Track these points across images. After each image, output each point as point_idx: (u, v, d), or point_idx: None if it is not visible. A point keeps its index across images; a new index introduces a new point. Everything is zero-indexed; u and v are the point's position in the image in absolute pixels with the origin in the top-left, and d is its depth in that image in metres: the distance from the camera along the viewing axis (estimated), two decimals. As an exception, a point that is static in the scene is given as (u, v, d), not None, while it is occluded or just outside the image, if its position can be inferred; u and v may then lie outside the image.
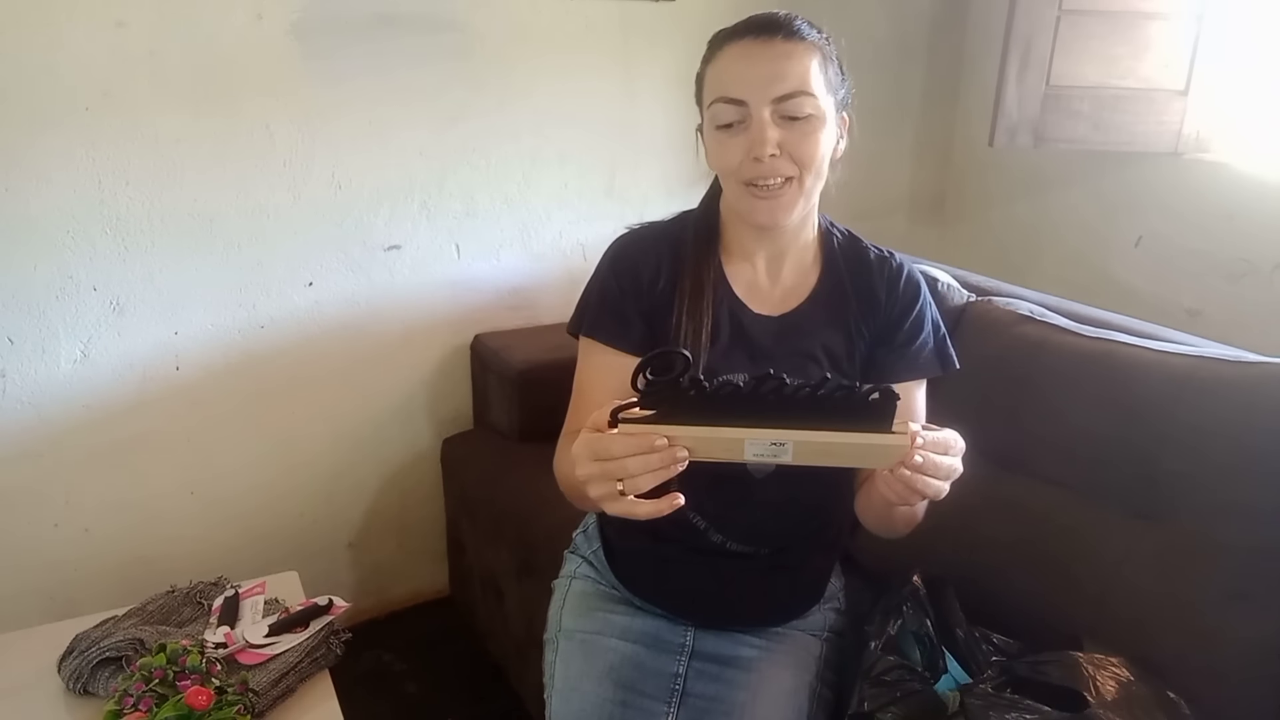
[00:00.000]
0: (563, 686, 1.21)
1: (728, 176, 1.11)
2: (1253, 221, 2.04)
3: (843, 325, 1.18)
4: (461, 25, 2.01)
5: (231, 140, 1.84)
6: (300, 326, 2.03)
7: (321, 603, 1.46)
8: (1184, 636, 1.21)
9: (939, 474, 0.90)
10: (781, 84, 1.05)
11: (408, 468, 2.27)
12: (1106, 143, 2.17)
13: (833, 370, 1.16)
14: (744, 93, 1.06)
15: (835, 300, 1.19)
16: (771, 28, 1.07)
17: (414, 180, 2.06)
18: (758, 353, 1.16)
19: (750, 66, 1.06)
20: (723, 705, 1.16)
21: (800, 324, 1.18)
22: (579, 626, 1.26)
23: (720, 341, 1.16)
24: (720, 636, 1.23)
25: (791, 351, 1.16)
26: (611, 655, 1.20)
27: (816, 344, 1.17)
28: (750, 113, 1.06)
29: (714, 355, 1.15)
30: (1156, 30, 2.08)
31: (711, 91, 1.09)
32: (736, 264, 1.19)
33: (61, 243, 1.75)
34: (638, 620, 1.24)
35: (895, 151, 2.75)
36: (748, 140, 1.06)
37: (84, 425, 1.85)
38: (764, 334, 1.17)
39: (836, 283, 1.19)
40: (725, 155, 1.09)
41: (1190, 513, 1.26)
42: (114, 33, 1.69)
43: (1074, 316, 1.54)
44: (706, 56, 1.12)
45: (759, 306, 1.18)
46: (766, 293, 1.19)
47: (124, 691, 1.20)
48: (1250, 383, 1.25)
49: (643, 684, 1.18)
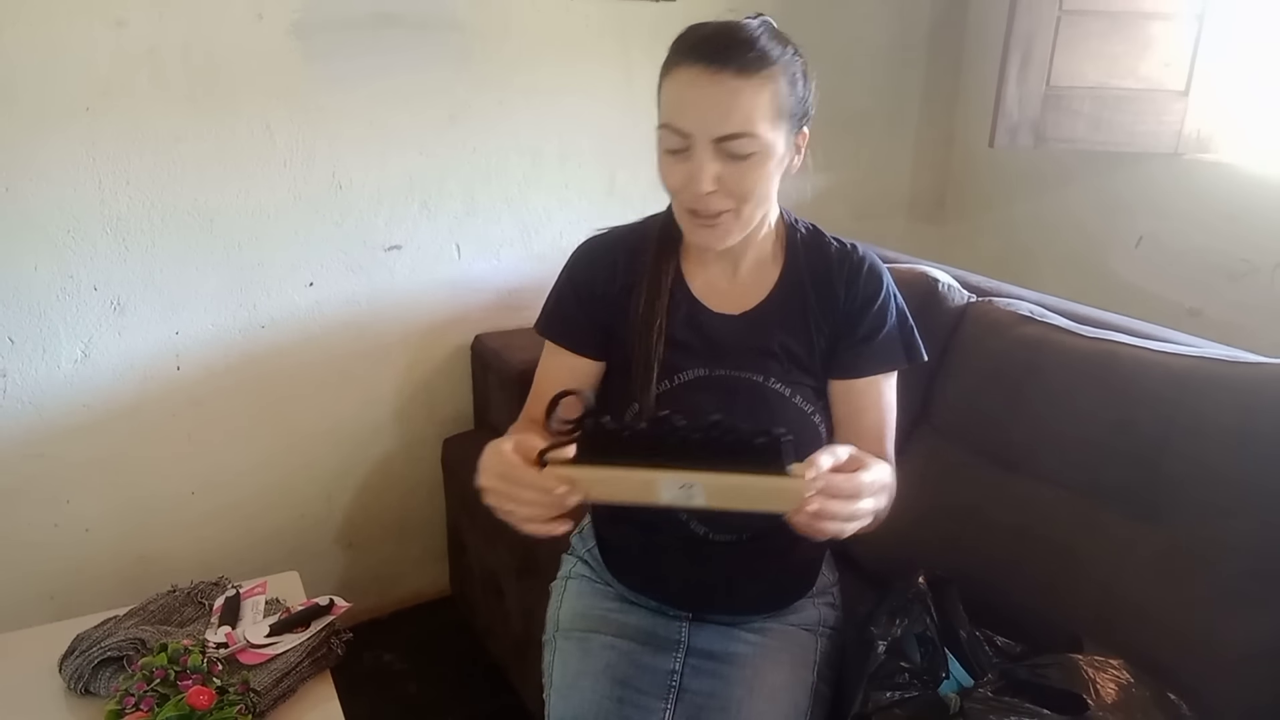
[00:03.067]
0: (560, 685, 1.21)
1: (671, 196, 1.13)
2: (1254, 221, 2.05)
3: (801, 321, 1.19)
4: (462, 25, 2.01)
5: (232, 140, 1.84)
6: (301, 326, 2.03)
7: (322, 603, 1.46)
8: (1184, 637, 1.21)
9: (838, 518, 0.91)
10: (725, 124, 1.03)
11: (408, 468, 2.27)
12: (1107, 143, 2.17)
13: (792, 366, 1.17)
14: (689, 126, 1.05)
15: (795, 296, 1.19)
16: (725, 56, 1.02)
17: (414, 180, 2.06)
18: (717, 351, 1.17)
19: (698, 99, 1.04)
20: (719, 701, 1.16)
21: (760, 321, 1.19)
22: (576, 626, 1.26)
23: (678, 342, 1.17)
24: (716, 633, 1.23)
25: (749, 349, 1.17)
26: (609, 653, 1.21)
27: (775, 341, 1.18)
28: (693, 145, 1.05)
29: (674, 356, 1.16)
30: (1157, 30, 2.08)
31: (662, 113, 1.08)
32: (695, 265, 1.21)
33: (62, 242, 1.74)
34: (634, 618, 1.25)
35: (896, 152, 2.75)
36: (688, 170, 1.06)
37: (85, 425, 1.85)
38: (722, 333, 1.18)
39: (797, 279, 1.20)
40: (669, 177, 1.10)
41: (1191, 513, 1.26)
42: (114, 32, 1.69)
43: (1074, 317, 1.54)
44: (665, 66, 1.09)
45: (718, 305, 1.19)
46: (725, 292, 1.20)
47: (125, 691, 1.20)
48: (1251, 383, 1.25)
49: (639, 681, 1.18)
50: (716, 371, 1.17)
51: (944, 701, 1.10)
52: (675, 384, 1.16)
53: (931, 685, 1.13)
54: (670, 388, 1.16)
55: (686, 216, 1.11)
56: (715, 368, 1.17)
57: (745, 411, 1.13)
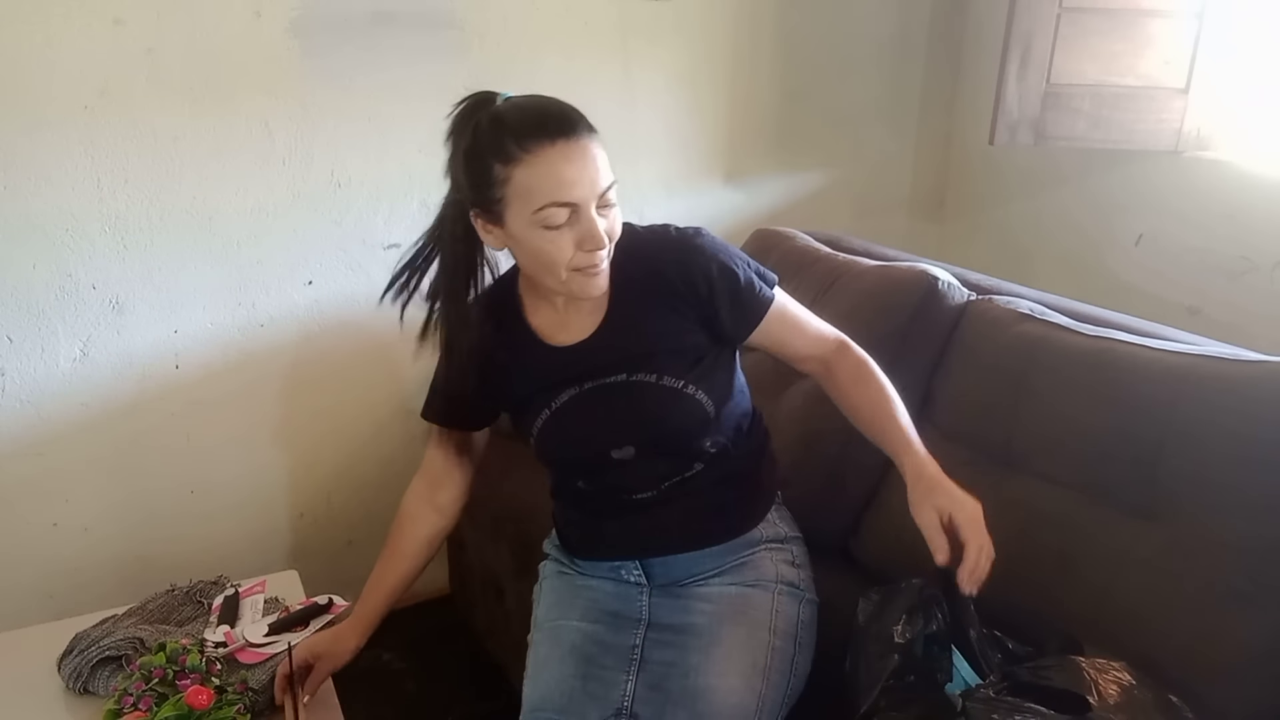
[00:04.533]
0: (532, 671, 1.30)
1: (553, 268, 1.14)
2: (1253, 220, 2.04)
3: (649, 314, 1.24)
4: (460, 23, 2.01)
5: (230, 138, 1.84)
6: (300, 325, 2.03)
7: (321, 601, 1.47)
8: (1185, 635, 1.21)
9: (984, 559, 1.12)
10: (603, 181, 1.12)
11: (408, 466, 2.25)
12: (1107, 141, 2.17)
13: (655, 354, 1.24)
14: (577, 196, 1.10)
15: (638, 295, 1.25)
16: (574, 127, 1.11)
17: (413, 178, 2.06)
18: (580, 372, 1.25)
19: (577, 169, 1.10)
20: (679, 669, 1.21)
21: (605, 338, 1.25)
22: (548, 617, 1.35)
23: (544, 376, 1.26)
24: (674, 605, 1.28)
25: (605, 360, 1.24)
26: (574, 635, 1.28)
27: (626, 343, 1.24)
28: (580, 212, 1.11)
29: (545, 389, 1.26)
30: (1157, 27, 2.08)
31: (537, 197, 1.10)
32: (539, 310, 1.28)
33: (60, 241, 1.74)
34: (598, 603, 1.32)
35: (896, 150, 2.75)
36: (577, 234, 1.12)
37: (83, 424, 1.85)
38: (579, 356, 1.25)
39: (628, 282, 1.24)
40: (555, 251, 1.12)
41: (1191, 511, 1.26)
42: (112, 30, 1.69)
43: (1074, 315, 1.54)
44: (505, 155, 1.11)
45: (570, 338, 1.26)
46: (573, 323, 1.26)
47: (124, 691, 1.20)
48: (1251, 381, 1.25)
49: (603, 658, 1.25)
50: (585, 385, 1.25)
51: (951, 701, 1.10)
52: (553, 409, 1.25)
53: (938, 686, 1.13)
54: (550, 413, 1.26)
55: (575, 278, 1.15)
56: (583, 383, 1.25)
57: (618, 411, 1.24)
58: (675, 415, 1.23)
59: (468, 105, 1.19)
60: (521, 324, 1.28)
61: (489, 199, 1.13)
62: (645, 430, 1.24)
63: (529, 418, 1.28)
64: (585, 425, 1.25)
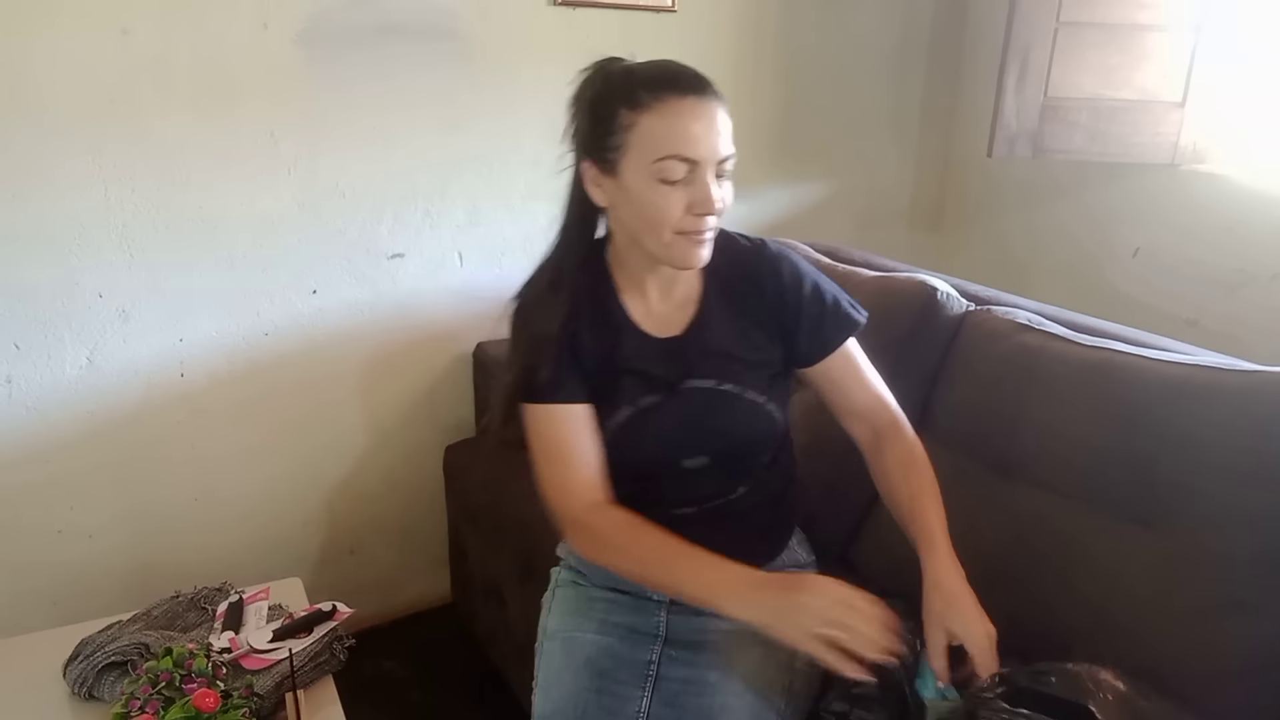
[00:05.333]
0: (544, 682, 1.26)
1: (659, 226, 1.13)
2: (1250, 232, 2.06)
3: (738, 321, 1.25)
4: (465, 35, 2.03)
5: (236, 147, 1.86)
6: (304, 334, 2.04)
7: (325, 608, 1.47)
8: (1183, 644, 1.22)
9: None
10: (725, 147, 1.11)
11: (410, 475, 2.28)
12: (1104, 154, 2.18)
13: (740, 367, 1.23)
14: (699, 154, 1.09)
15: (725, 303, 1.25)
16: (705, 88, 1.11)
17: (417, 188, 2.08)
18: (669, 373, 1.23)
19: (705, 126, 1.09)
20: (694, 686, 1.19)
21: (699, 335, 1.24)
22: (561, 627, 1.30)
23: (632, 371, 1.22)
24: (692, 622, 1.26)
25: (695, 363, 1.23)
26: (589, 648, 1.25)
27: (718, 348, 1.23)
28: (699, 172, 1.10)
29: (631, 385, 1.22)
30: (1154, 41, 2.10)
31: (660, 146, 1.09)
32: (632, 295, 1.25)
33: (68, 249, 1.76)
34: (614, 615, 1.29)
35: (895, 161, 2.77)
36: (689, 195, 1.10)
37: (89, 431, 1.86)
38: (670, 354, 1.23)
39: (720, 287, 1.25)
40: (667, 207, 1.11)
41: (1188, 521, 1.26)
42: (119, 40, 1.71)
43: (1072, 326, 1.55)
44: (634, 101, 1.10)
45: (661, 330, 1.25)
46: (662, 315, 1.25)
47: (131, 695, 1.21)
48: (1248, 392, 1.26)
49: (618, 672, 1.22)
50: (674, 389, 1.23)
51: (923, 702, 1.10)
52: (638, 407, 1.22)
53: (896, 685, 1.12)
54: (634, 411, 1.22)
55: (679, 241, 1.13)
56: (670, 386, 1.23)
57: (703, 418, 1.22)
58: (754, 429, 1.23)
59: (597, 64, 1.17)
60: (616, 303, 1.24)
61: (608, 145, 1.12)
62: (723, 441, 1.23)
63: (606, 410, 1.22)
64: (667, 429, 1.22)
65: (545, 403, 1.21)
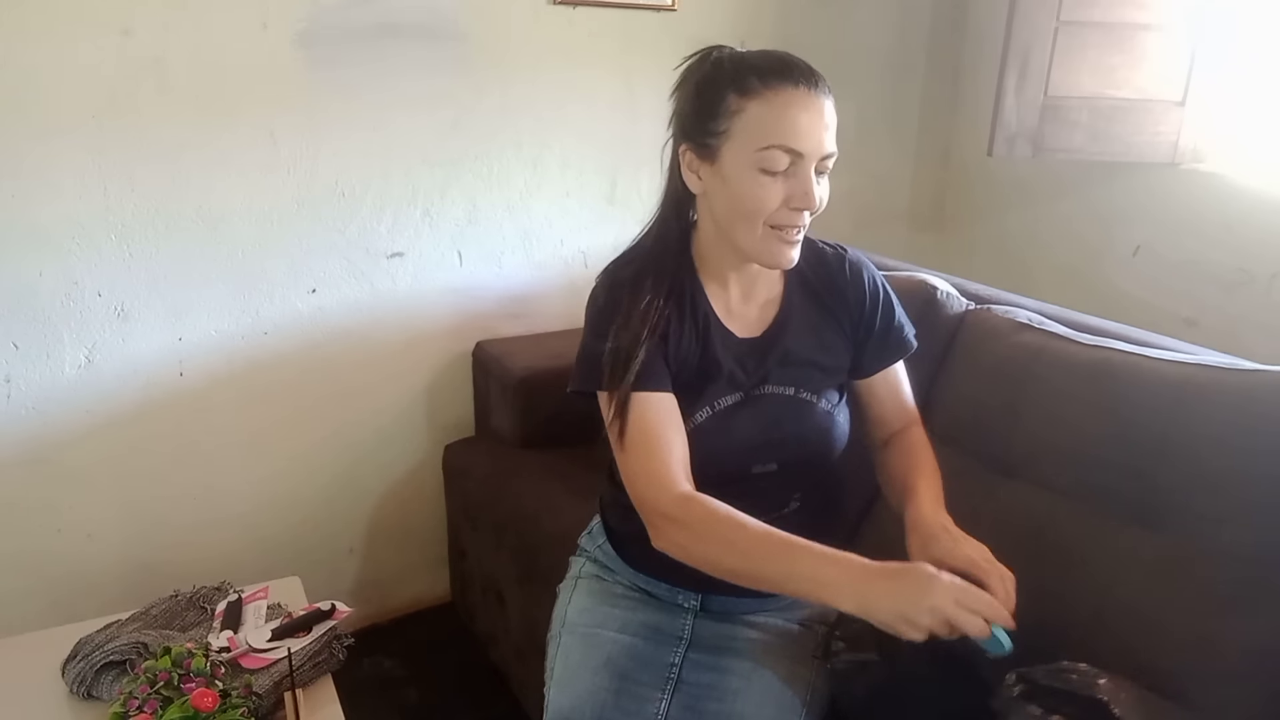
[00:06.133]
0: (561, 677, 1.23)
1: (753, 217, 1.11)
2: (1249, 232, 2.06)
3: (818, 326, 1.25)
4: (464, 34, 2.03)
5: (235, 147, 1.86)
6: (304, 333, 2.04)
7: (324, 607, 1.47)
8: (1182, 644, 1.21)
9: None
10: (830, 144, 1.10)
11: (409, 474, 2.28)
12: (1104, 153, 2.18)
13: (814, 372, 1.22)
14: (805, 146, 1.08)
15: (807, 306, 1.25)
16: (816, 80, 1.09)
17: (417, 187, 2.08)
18: (748, 373, 1.21)
19: (812, 120, 1.08)
20: (716, 692, 1.18)
21: (779, 337, 1.23)
22: (581, 621, 1.28)
23: (714, 368, 1.20)
24: (718, 627, 1.25)
25: (774, 366, 1.22)
26: (610, 646, 1.23)
27: (797, 353, 1.23)
28: (801, 165, 1.09)
29: (711, 383, 1.20)
30: (1154, 41, 2.09)
31: (766, 135, 1.07)
32: (716, 289, 1.23)
33: (67, 248, 1.76)
34: (638, 614, 1.27)
35: (895, 161, 2.77)
36: (788, 189, 1.10)
37: (88, 431, 1.86)
38: (750, 354, 1.22)
39: (804, 289, 1.25)
40: (765, 198, 1.10)
41: (1188, 520, 1.26)
42: (120, 40, 1.71)
43: (1072, 325, 1.55)
44: (744, 87, 1.09)
45: (743, 329, 1.24)
46: (743, 314, 1.24)
47: (129, 694, 1.20)
48: (1247, 391, 1.26)
49: (638, 673, 1.20)
50: (753, 393, 1.21)
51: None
52: (716, 409, 1.20)
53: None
54: (712, 413, 1.20)
55: (770, 236, 1.12)
56: (749, 390, 1.21)
57: (779, 424, 1.21)
58: (826, 438, 1.23)
59: (705, 49, 1.17)
60: (703, 298, 1.22)
61: (710, 130, 1.11)
62: (796, 449, 1.22)
63: (686, 409, 1.18)
64: (743, 435, 1.20)
65: (639, 390, 1.15)
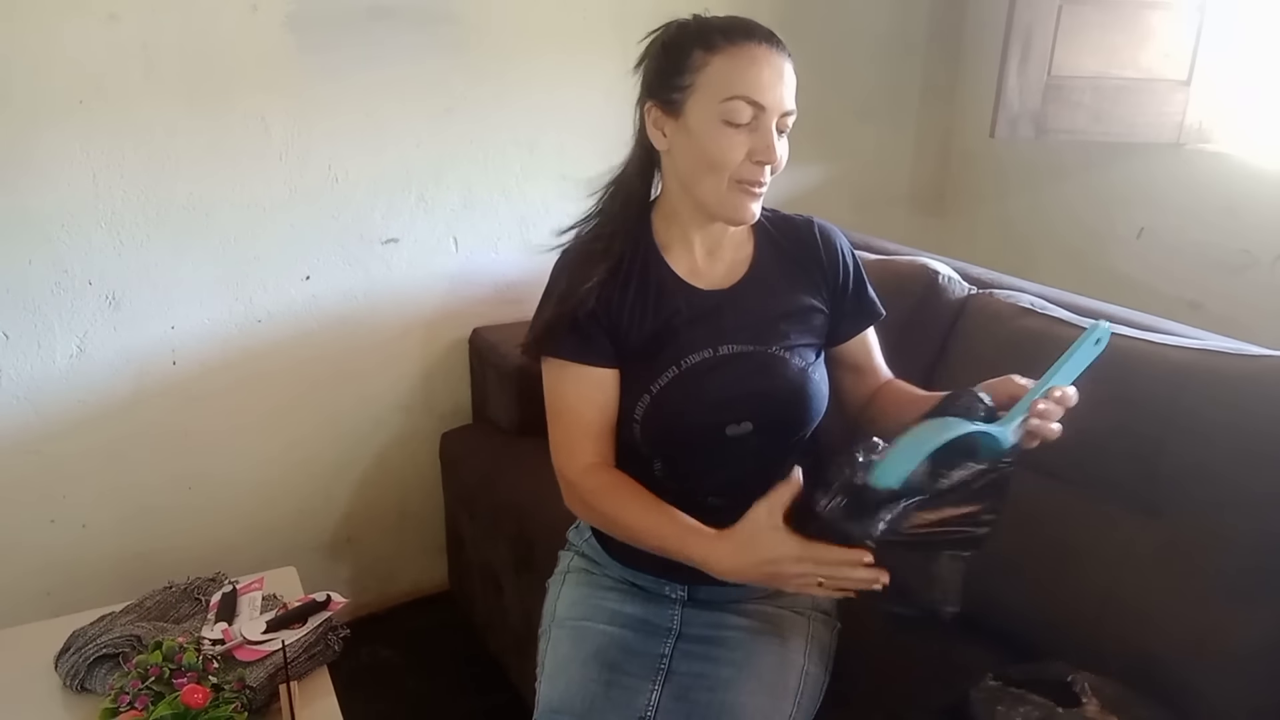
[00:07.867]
0: (551, 671, 1.24)
1: (718, 171, 1.12)
2: (1254, 213, 2.04)
3: (791, 283, 1.25)
4: (458, 18, 2.00)
5: (226, 133, 1.83)
6: (298, 321, 2.02)
7: (320, 598, 1.46)
8: (1188, 630, 1.21)
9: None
10: (790, 101, 1.12)
11: (406, 462, 2.27)
12: (1108, 134, 2.16)
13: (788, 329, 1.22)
14: (767, 100, 1.10)
15: (778, 263, 1.25)
16: (776, 40, 1.13)
17: (411, 173, 2.05)
18: (714, 329, 1.20)
19: (774, 75, 1.10)
20: (707, 681, 1.18)
21: (749, 291, 1.23)
22: (570, 615, 1.28)
23: (677, 327, 1.20)
24: (708, 616, 1.24)
25: (744, 321, 1.21)
26: (599, 638, 1.23)
27: (768, 307, 1.23)
28: (763, 119, 1.10)
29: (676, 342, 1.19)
30: (1158, 20, 2.07)
31: (730, 86, 1.10)
32: (677, 250, 1.23)
33: (56, 237, 1.74)
34: (627, 606, 1.27)
35: (896, 143, 2.74)
36: (751, 142, 1.11)
37: (80, 421, 1.85)
38: (716, 309, 1.21)
39: (774, 248, 1.26)
40: (728, 149, 1.11)
41: (1193, 506, 1.25)
42: (107, 26, 1.68)
43: (1075, 309, 1.53)
44: (708, 43, 1.12)
45: (707, 284, 1.23)
46: (709, 271, 1.24)
47: (120, 689, 1.19)
48: (1251, 376, 1.25)
49: (628, 665, 1.20)
50: (720, 350, 1.20)
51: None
52: (683, 368, 1.19)
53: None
54: (679, 372, 1.19)
55: (735, 190, 1.13)
56: (717, 346, 1.20)
57: (749, 381, 1.19)
58: (800, 395, 1.21)
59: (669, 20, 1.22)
60: (658, 259, 1.22)
61: (676, 85, 1.14)
62: (769, 406, 1.20)
63: (653, 372, 1.18)
64: (712, 391, 1.18)
65: (563, 359, 1.19)
